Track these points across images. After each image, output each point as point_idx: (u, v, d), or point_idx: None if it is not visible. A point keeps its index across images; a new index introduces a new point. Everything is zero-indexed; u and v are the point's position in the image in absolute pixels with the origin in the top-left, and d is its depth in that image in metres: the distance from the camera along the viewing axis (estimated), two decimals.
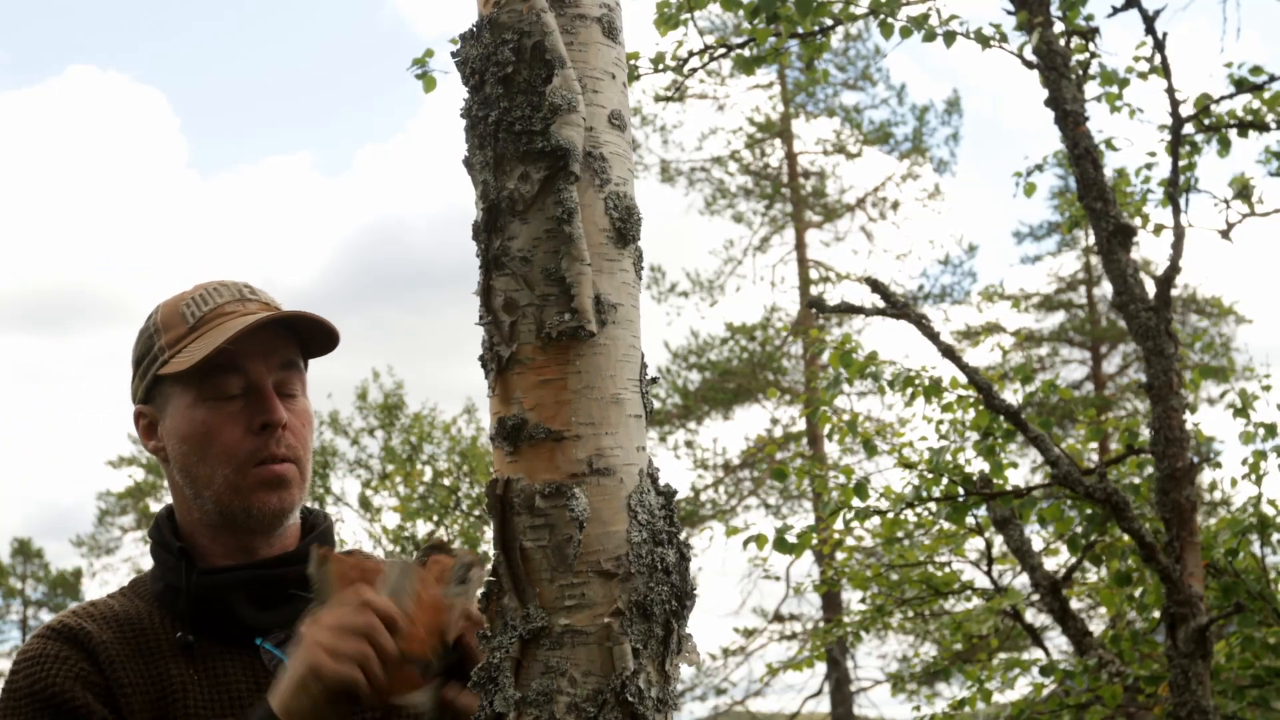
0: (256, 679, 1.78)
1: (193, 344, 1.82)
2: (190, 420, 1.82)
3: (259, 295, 1.89)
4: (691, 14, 4.99)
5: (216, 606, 1.80)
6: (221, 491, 1.81)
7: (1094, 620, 12.28)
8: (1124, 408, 19.86)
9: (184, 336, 1.83)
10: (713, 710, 20.34)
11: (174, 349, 1.83)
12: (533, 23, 1.49)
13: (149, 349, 1.87)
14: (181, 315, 1.85)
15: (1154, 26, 5.07)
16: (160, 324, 1.87)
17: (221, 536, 1.85)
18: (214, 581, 1.81)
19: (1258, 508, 5.13)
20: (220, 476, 1.80)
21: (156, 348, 1.86)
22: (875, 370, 5.20)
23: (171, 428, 1.84)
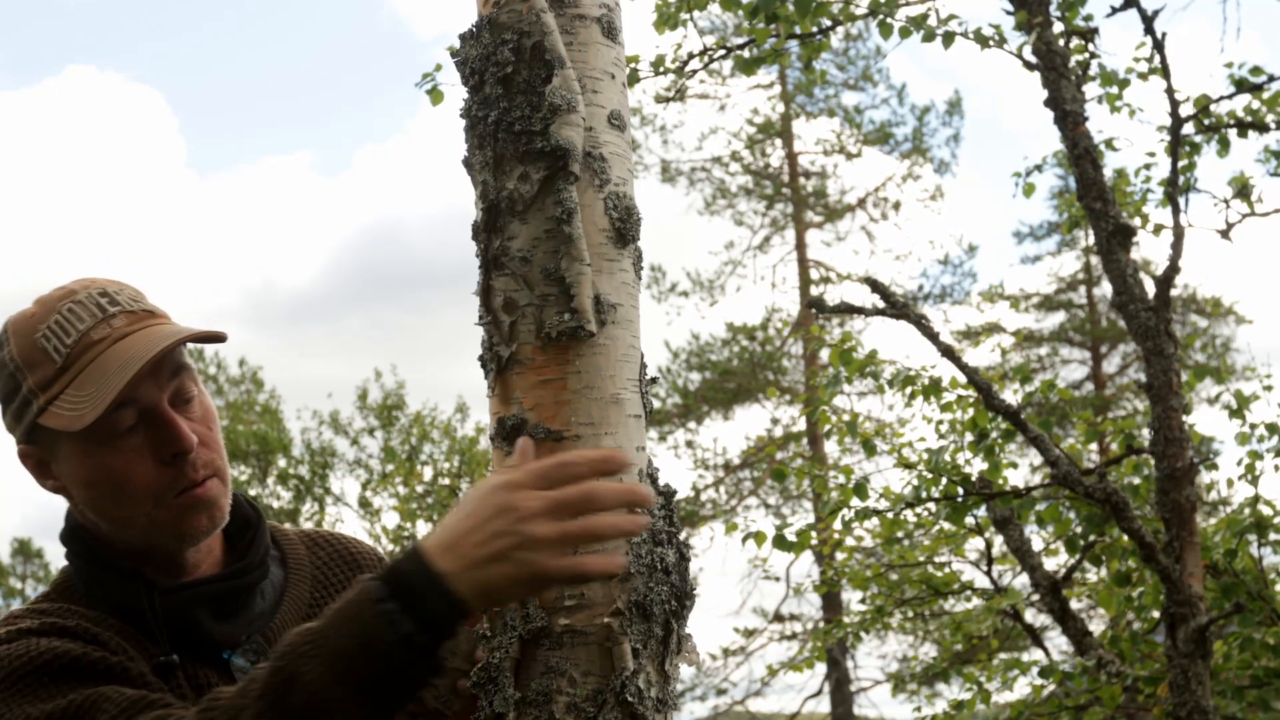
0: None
1: (70, 389, 1.63)
2: (91, 467, 1.66)
3: (118, 302, 1.71)
4: (691, 15, 4.99)
5: (184, 625, 1.70)
6: (148, 527, 1.68)
7: (1094, 620, 12.27)
8: (1124, 407, 19.86)
9: (55, 378, 1.65)
10: (713, 710, 20.34)
11: (48, 393, 1.65)
12: (532, 23, 1.49)
13: (15, 388, 1.68)
14: (44, 350, 1.66)
15: (1153, 26, 5.07)
16: (20, 360, 1.67)
17: (154, 557, 1.73)
18: (179, 600, 1.70)
19: (1255, 508, 5.13)
20: (142, 514, 1.67)
21: (25, 389, 1.66)
22: (875, 369, 5.20)
23: (70, 473, 1.68)
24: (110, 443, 1.65)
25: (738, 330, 20.90)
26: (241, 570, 1.78)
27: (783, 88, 21.03)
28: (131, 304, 1.72)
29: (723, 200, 21.48)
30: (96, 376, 1.63)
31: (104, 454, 1.65)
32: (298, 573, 1.86)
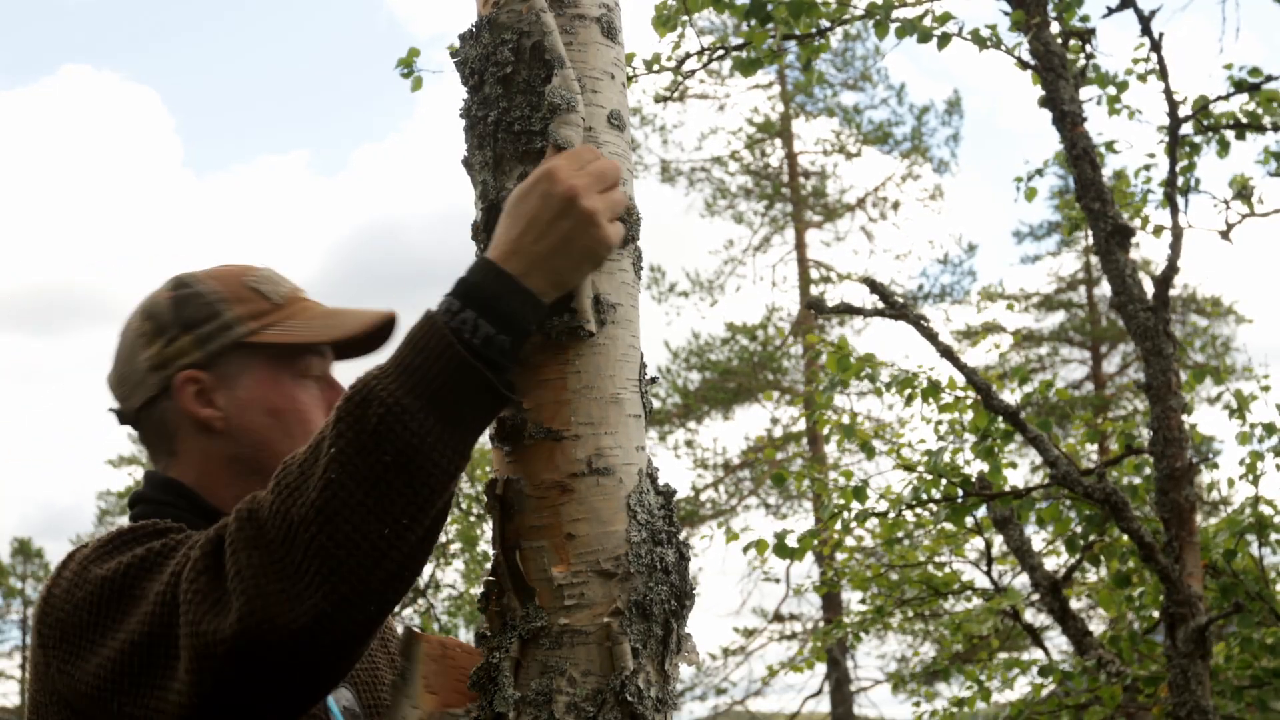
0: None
1: (289, 321, 1.74)
2: (282, 396, 1.72)
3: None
4: (690, 17, 4.99)
5: None
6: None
7: (1094, 620, 12.28)
8: (1123, 407, 19.87)
9: (270, 312, 1.75)
10: (713, 710, 20.34)
11: (262, 320, 1.73)
12: (532, 23, 1.49)
13: (211, 315, 1.73)
14: (256, 290, 1.76)
15: (1150, 27, 5.07)
16: (225, 294, 1.75)
17: None
18: None
19: (1255, 508, 5.13)
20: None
21: (229, 316, 1.73)
22: (872, 373, 5.20)
23: (251, 399, 1.71)
24: (301, 380, 1.75)
25: (737, 330, 20.91)
26: None
27: (782, 88, 21.04)
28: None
29: (722, 200, 21.49)
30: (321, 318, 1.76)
31: (295, 388, 1.74)
32: None
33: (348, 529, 1.33)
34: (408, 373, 1.36)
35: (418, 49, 4.86)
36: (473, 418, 1.37)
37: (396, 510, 1.33)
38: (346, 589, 1.34)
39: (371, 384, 1.36)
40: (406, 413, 1.34)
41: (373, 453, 1.33)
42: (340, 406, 1.37)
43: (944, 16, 4.90)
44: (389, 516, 1.33)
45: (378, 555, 1.33)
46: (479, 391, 1.36)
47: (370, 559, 1.33)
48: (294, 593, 1.34)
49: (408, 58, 4.84)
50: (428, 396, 1.34)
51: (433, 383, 1.35)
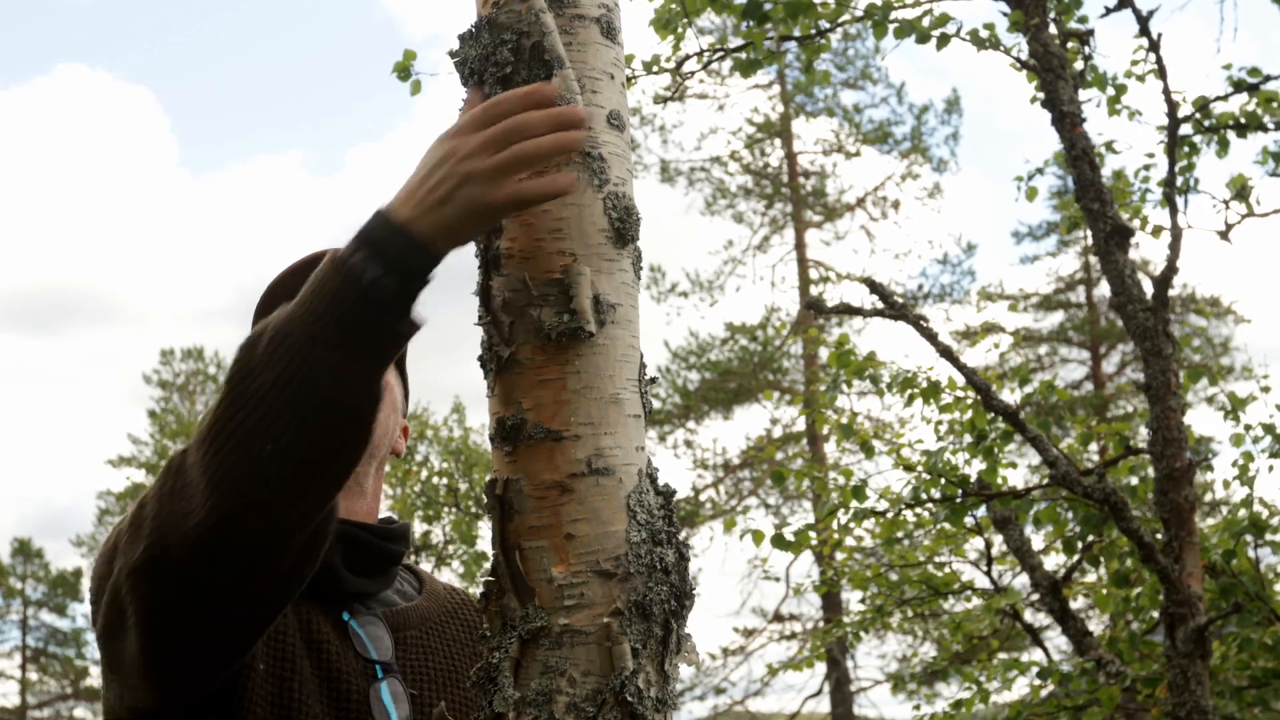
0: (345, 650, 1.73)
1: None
2: None
3: None
4: (689, 19, 4.99)
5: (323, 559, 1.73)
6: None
7: (1093, 620, 12.29)
8: (1122, 407, 19.87)
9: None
10: (712, 710, 20.35)
11: None
12: (531, 23, 1.49)
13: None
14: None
15: (1148, 27, 5.07)
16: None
17: None
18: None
19: (1250, 510, 5.13)
20: None
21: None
22: (874, 372, 5.21)
23: None
24: None
25: (737, 330, 20.91)
26: (383, 532, 1.84)
27: (782, 87, 21.05)
28: None
29: (722, 200, 21.50)
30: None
31: None
32: (431, 600, 1.92)
33: (230, 445, 1.41)
34: (298, 305, 1.44)
35: (414, 52, 4.84)
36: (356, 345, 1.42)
37: (276, 429, 1.40)
38: (228, 504, 1.41)
39: (270, 320, 1.45)
40: (290, 337, 1.42)
41: (257, 375, 1.42)
42: (241, 342, 1.46)
43: (942, 17, 4.90)
44: (269, 434, 1.40)
45: (258, 471, 1.41)
46: (373, 327, 1.42)
47: (250, 473, 1.41)
48: (186, 510, 1.44)
49: (404, 61, 4.82)
50: (311, 324, 1.42)
51: (320, 316, 1.42)
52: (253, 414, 1.41)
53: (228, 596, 1.49)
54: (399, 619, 1.82)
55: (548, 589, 1.42)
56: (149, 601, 1.49)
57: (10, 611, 31.60)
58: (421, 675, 1.80)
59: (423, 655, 1.82)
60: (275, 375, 1.41)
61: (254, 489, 1.41)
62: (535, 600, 1.42)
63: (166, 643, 1.51)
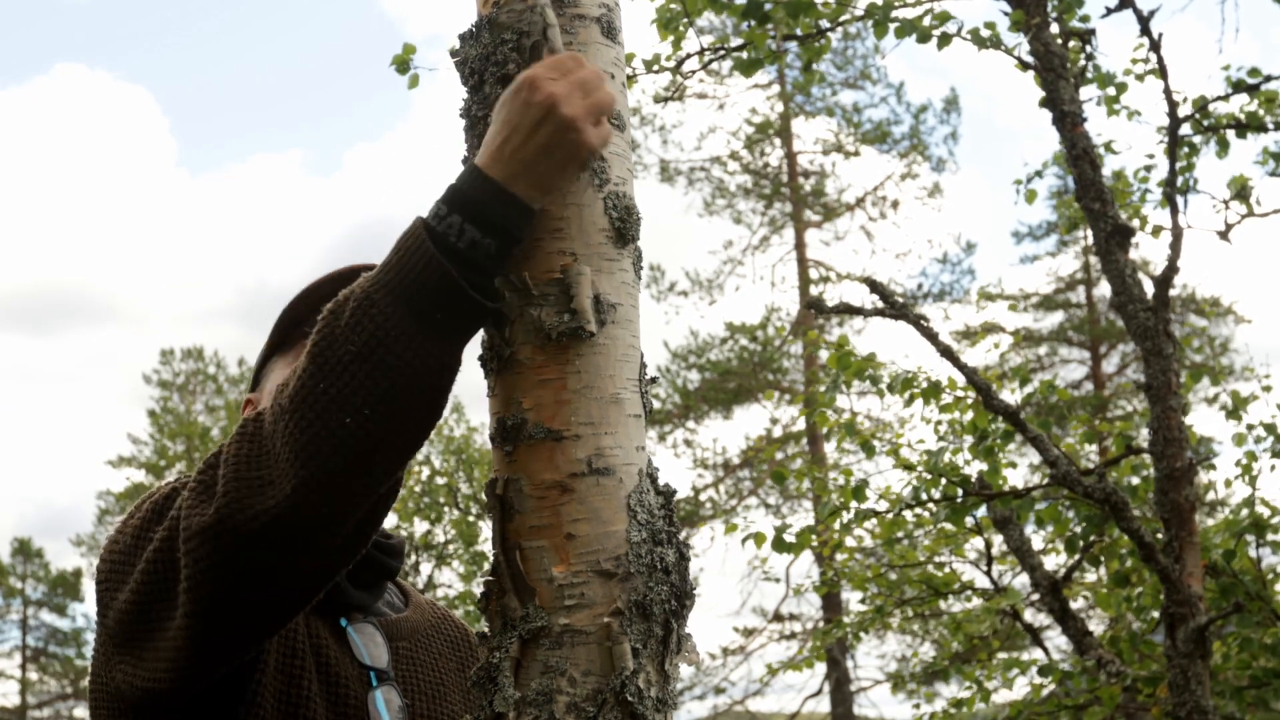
0: (343, 656, 1.74)
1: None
2: None
3: None
4: (690, 19, 4.99)
5: None
6: None
7: (1094, 620, 12.28)
8: (1122, 407, 19.87)
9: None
10: (712, 710, 20.34)
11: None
12: (532, 22, 1.49)
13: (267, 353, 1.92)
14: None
15: (1149, 27, 5.07)
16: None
17: None
18: None
19: (1252, 509, 5.13)
20: None
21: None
22: (873, 373, 5.20)
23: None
24: None
25: (737, 330, 20.91)
26: (382, 547, 1.83)
27: (781, 87, 21.04)
28: None
29: (722, 200, 21.49)
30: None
31: None
32: (418, 612, 1.92)
33: (311, 416, 1.37)
34: (386, 271, 1.39)
35: (413, 46, 4.84)
36: (447, 318, 1.39)
37: (358, 400, 1.36)
38: (307, 473, 1.37)
39: (356, 285, 1.41)
40: (375, 306, 1.38)
41: (341, 345, 1.38)
42: (327, 306, 1.42)
43: (943, 16, 4.90)
44: (350, 405, 1.36)
45: (336, 442, 1.37)
46: (453, 293, 1.38)
47: (330, 445, 1.37)
48: (268, 479, 1.40)
49: (403, 54, 4.82)
50: (401, 294, 1.38)
51: (408, 282, 1.38)
52: (335, 383, 1.37)
53: (286, 571, 1.45)
54: (393, 629, 1.83)
55: (548, 589, 1.42)
56: (210, 566, 1.43)
57: (10, 611, 31.61)
58: (413, 685, 1.81)
59: (414, 665, 1.83)
60: (360, 345, 1.37)
61: (332, 461, 1.37)
62: (535, 600, 1.41)
63: (216, 612, 1.46)
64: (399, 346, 1.36)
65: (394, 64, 4.82)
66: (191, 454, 27.54)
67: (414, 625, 1.88)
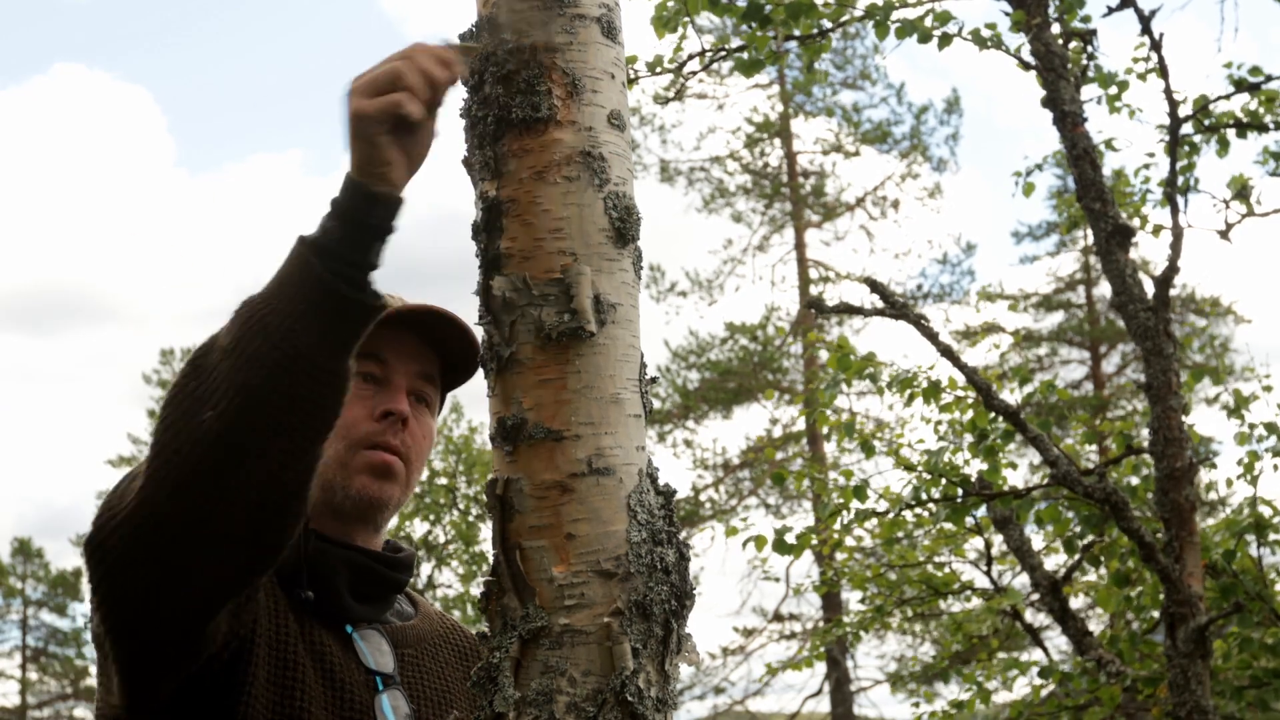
0: (348, 663, 1.74)
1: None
2: None
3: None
4: (690, 18, 4.98)
5: (322, 579, 1.75)
6: (329, 465, 1.73)
7: (1094, 620, 12.28)
8: (1122, 407, 19.87)
9: None
10: (712, 710, 20.35)
11: None
12: (531, 21, 1.49)
13: None
14: None
15: (1150, 26, 5.07)
16: None
17: (320, 513, 1.79)
18: (328, 552, 1.76)
19: (1254, 509, 5.13)
20: (332, 450, 1.72)
21: None
22: (873, 372, 5.20)
23: None
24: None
25: (737, 329, 20.91)
26: (391, 561, 1.84)
27: (781, 87, 21.03)
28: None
29: (721, 199, 21.49)
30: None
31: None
32: (426, 622, 1.93)
33: (177, 414, 1.42)
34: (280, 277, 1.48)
35: None
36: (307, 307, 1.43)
37: (219, 393, 1.40)
38: (163, 469, 1.41)
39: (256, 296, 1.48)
40: (248, 304, 1.45)
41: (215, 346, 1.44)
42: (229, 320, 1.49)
43: (944, 16, 4.90)
44: (211, 399, 1.40)
45: (196, 437, 1.40)
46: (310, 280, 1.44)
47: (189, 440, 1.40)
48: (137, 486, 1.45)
49: None
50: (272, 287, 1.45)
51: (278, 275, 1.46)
52: (203, 383, 1.41)
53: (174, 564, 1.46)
54: (400, 636, 1.84)
55: (548, 589, 1.41)
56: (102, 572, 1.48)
57: (10, 611, 31.61)
58: (419, 691, 1.82)
59: (419, 673, 1.84)
60: (229, 341, 1.41)
61: (188, 454, 1.40)
62: (536, 600, 1.41)
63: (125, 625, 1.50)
64: (260, 336, 1.40)
65: None
66: None
67: (421, 633, 1.89)
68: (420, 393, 1.86)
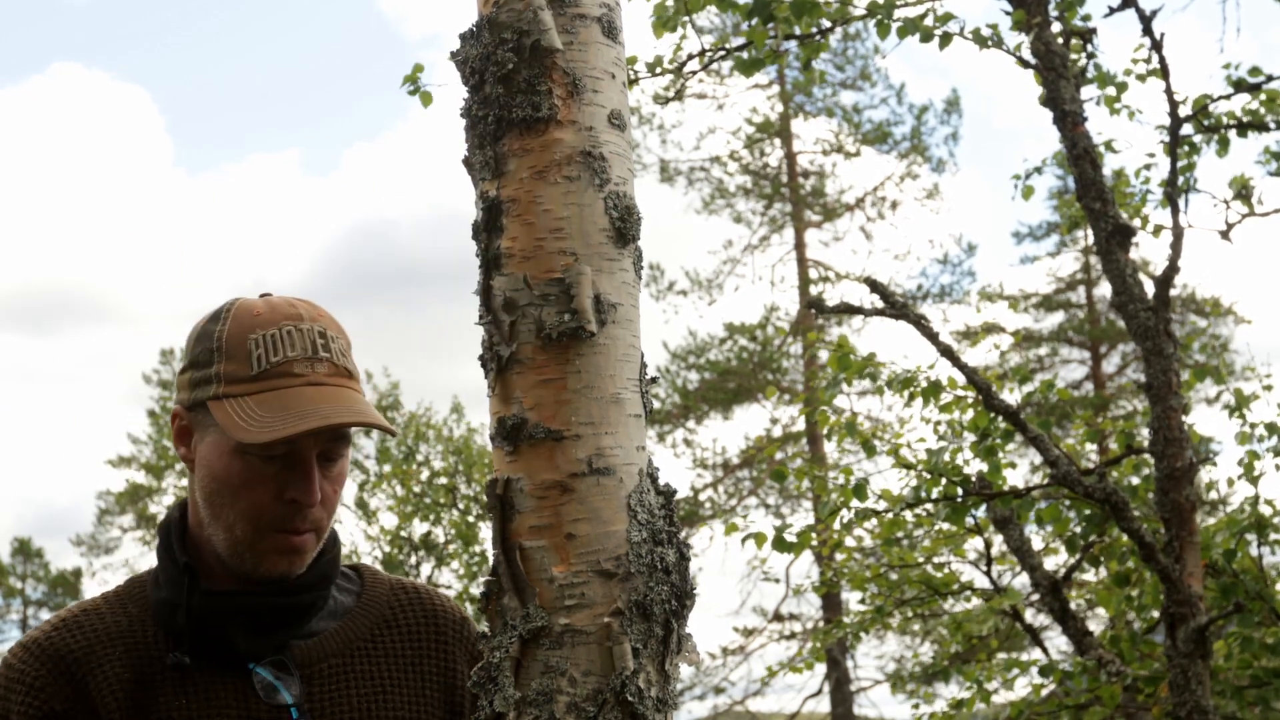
0: (247, 704, 1.75)
1: (250, 399, 1.74)
2: (225, 465, 1.75)
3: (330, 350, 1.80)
4: (690, 17, 4.98)
5: (214, 630, 1.77)
6: (236, 540, 1.77)
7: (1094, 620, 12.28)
8: (1122, 407, 19.87)
9: (243, 381, 1.75)
10: (712, 710, 20.35)
11: (229, 388, 1.75)
12: (531, 21, 1.49)
13: (207, 362, 1.79)
14: (247, 352, 1.76)
15: (1151, 27, 5.07)
16: (225, 344, 1.78)
17: (225, 565, 1.80)
18: (217, 605, 1.77)
19: (1255, 508, 5.13)
20: (239, 528, 1.76)
21: (213, 370, 1.77)
22: (873, 371, 5.20)
23: (204, 457, 1.78)
24: (250, 457, 1.75)
25: (736, 330, 20.92)
26: (288, 589, 1.82)
27: (781, 87, 21.05)
28: (340, 357, 1.82)
29: (721, 200, 21.50)
30: (278, 406, 1.74)
31: (241, 462, 1.75)
32: (366, 609, 1.91)
33: None
34: None
35: (421, 65, 4.86)
36: None
37: None
38: None
39: None
40: None
41: None
42: None
43: (945, 16, 4.90)
44: None
45: None
46: None
47: None
48: None
49: (412, 74, 4.81)
50: None
51: None
52: None
53: None
54: (306, 655, 1.82)
55: (548, 588, 1.41)
56: None
57: (10, 611, 31.61)
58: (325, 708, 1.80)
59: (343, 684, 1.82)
60: None
61: None
62: (536, 600, 1.41)
63: None
64: None
65: (406, 82, 4.80)
66: None
67: (346, 636, 1.86)
68: (328, 451, 1.79)
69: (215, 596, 1.78)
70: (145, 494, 27.86)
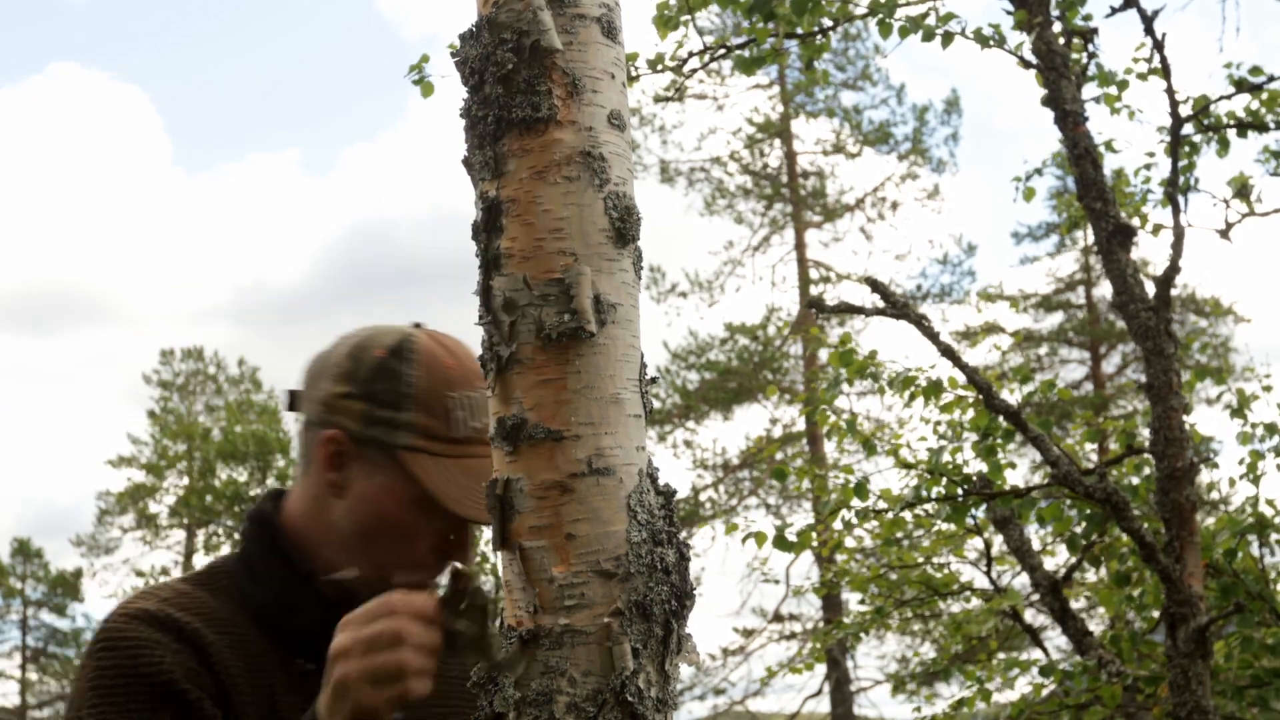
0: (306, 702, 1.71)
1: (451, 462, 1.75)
2: (400, 514, 1.75)
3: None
4: (691, 15, 4.98)
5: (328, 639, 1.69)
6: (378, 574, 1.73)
7: (1093, 620, 12.28)
8: (1123, 407, 19.87)
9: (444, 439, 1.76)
10: (712, 710, 20.36)
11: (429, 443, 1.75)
12: (530, 21, 1.49)
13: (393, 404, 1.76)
14: (447, 409, 1.77)
15: (1153, 27, 5.07)
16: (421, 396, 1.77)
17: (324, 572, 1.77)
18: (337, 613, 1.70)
19: (1255, 508, 5.13)
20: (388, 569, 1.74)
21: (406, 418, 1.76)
22: (874, 370, 5.20)
23: (370, 495, 1.76)
24: (433, 515, 1.75)
25: (737, 330, 20.92)
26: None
27: (782, 88, 21.05)
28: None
29: (722, 200, 21.51)
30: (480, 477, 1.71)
31: (421, 517, 1.75)
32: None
33: None
34: None
35: (428, 55, 4.86)
36: None
37: None
38: None
39: None
40: None
41: None
42: None
43: (947, 16, 4.90)
44: None
45: None
46: None
47: None
48: None
49: (418, 64, 4.81)
50: None
51: None
52: None
53: None
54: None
55: (548, 589, 1.41)
56: None
57: (10, 611, 31.61)
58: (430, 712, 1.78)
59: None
60: None
61: None
62: (535, 600, 1.41)
63: None
64: None
65: (411, 71, 4.81)
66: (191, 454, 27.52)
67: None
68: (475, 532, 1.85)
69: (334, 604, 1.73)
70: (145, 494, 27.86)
